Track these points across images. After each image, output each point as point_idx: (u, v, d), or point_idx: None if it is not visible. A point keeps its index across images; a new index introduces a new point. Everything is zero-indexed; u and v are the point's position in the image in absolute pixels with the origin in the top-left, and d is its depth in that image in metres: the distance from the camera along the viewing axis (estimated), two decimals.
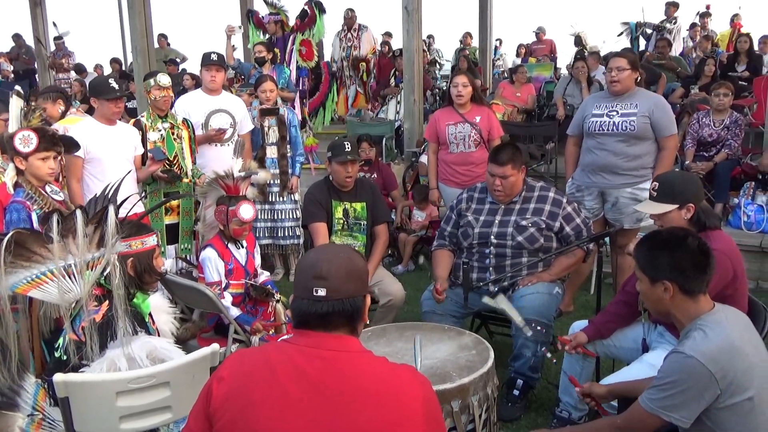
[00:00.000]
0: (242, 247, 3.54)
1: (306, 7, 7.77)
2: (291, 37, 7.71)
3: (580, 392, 2.50)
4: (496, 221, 3.40)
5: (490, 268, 3.39)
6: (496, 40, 13.79)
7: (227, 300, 3.36)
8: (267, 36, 7.82)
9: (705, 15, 10.68)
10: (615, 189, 4.09)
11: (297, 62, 7.69)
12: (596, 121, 4.07)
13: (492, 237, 3.37)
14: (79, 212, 2.20)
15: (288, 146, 5.24)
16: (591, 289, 4.85)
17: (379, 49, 9.58)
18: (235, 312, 3.32)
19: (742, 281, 2.53)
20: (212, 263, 3.40)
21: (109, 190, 2.42)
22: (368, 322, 1.67)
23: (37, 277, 2.15)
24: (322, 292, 1.50)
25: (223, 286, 3.43)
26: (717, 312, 1.97)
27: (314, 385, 1.45)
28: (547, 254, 3.36)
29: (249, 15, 8.25)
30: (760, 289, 4.93)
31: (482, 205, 3.51)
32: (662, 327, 2.77)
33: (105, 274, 2.20)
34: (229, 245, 3.48)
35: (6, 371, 2.13)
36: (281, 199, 5.25)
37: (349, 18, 9.17)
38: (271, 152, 5.20)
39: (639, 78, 4.10)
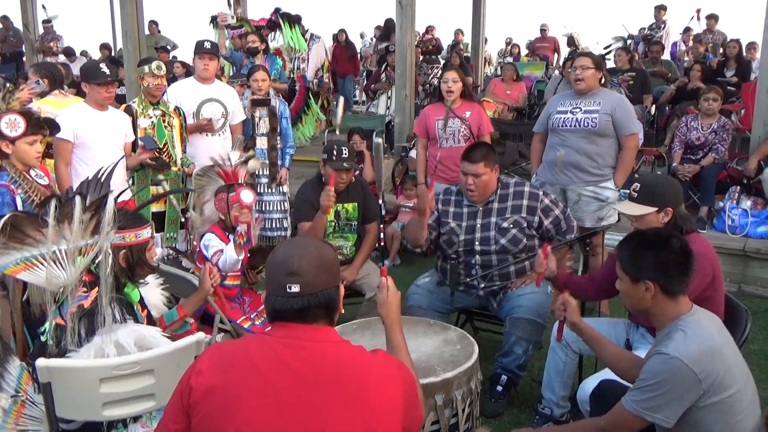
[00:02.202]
0: None
1: (272, 17, 7.63)
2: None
3: (563, 298, 2.45)
4: (478, 225, 3.36)
5: (477, 278, 3.38)
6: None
7: (222, 259, 3.26)
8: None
9: (711, 17, 10.59)
10: (577, 187, 4.13)
11: None
12: (560, 118, 4.14)
13: (477, 243, 3.34)
14: (78, 199, 2.19)
15: (278, 138, 5.21)
16: None
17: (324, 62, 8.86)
18: (231, 247, 3.21)
19: (720, 283, 2.57)
20: (215, 241, 3.36)
21: (102, 174, 2.41)
22: (343, 311, 1.68)
23: (27, 260, 2.14)
24: (295, 288, 1.52)
25: (222, 278, 3.40)
26: (695, 313, 2.00)
27: (297, 375, 1.46)
28: (532, 254, 3.36)
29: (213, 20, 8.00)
30: (742, 293, 4.98)
31: (460, 209, 3.44)
32: (644, 329, 2.80)
33: (97, 261, 2.19)
34: (230, 236, 3.46)
35: None
36: (269, 190, 5.22)
37: None
38: (261, 143, 5.17)
39: (603, 78, 4.16)
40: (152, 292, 2.68)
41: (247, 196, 3.39)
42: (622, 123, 4.01)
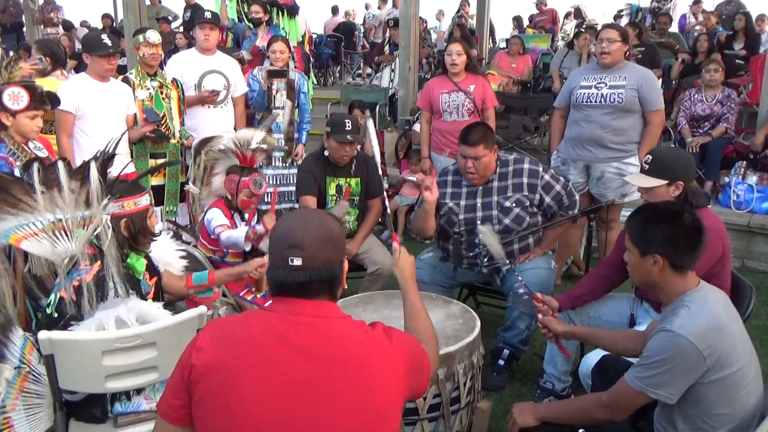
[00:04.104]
0: (244, 221, 3.50)
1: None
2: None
3: (540, 321, 2.59)
4: (479, 204, 3.31)
5: (480, 256, 3.34)
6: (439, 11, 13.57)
7: (228, 233, 3.26)
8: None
9: None
10: (601, 163, 4.07)
11: None
12: (584, 93, 4.04)
13: (478, 222, 3.28)
14: (60, 163, 2.18)
15: (295, 112, 5.07)
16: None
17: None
18: (242, 232, 3.22)
19: (728, 260, 2.56)
20: (219, 216, 3.34)
21: (109, 146, 2.41)
22: (346, 287, 1.67)
23: (28, 227, 2.14)
24: (298, 262, 1.48)
25: (223, 254, 3.40)
26: (701, 289, 1.98)
27: (298, 350, 1.45)
28: (536, 229, 3.34)
29: None
30: (745, 268, 4.98)
31: (459, 189, 3.38)
32: (648, 304, 2.79)
33: (96, 233, 2.19)
34: (234, 215, 3.43)
35: None
36: (284, 164, 5.14)
37: None
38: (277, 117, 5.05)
39: (628, 52, 4.07)
40: (166, 250, 2.68)
41: (258, 184, 3.37)
42: (648, 98, 3.92)
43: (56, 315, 2.16)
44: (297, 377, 1.43)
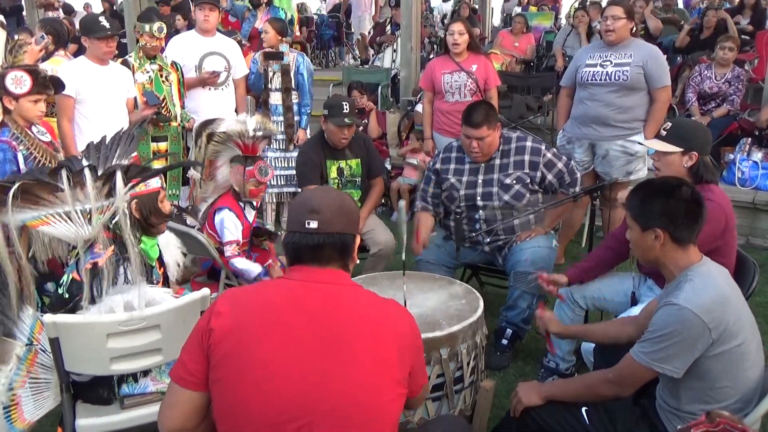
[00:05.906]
0: (254, 209, 3.48)
1: None
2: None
3: (540, 316, 2.55)
4: (479, 181, 3.31)
5: (482, 233, 3.35)
6: None
7: (243, 262, 3.30)
8: None
9: None
10: (605, 141, 4.05)
11: None
12: (589, 71, 4.01)
13: (478, 199, 3.30)
14: (87, 171, 2.23)
15: (295, 93, 4.99)
16: (582, 242, 4.87)
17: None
18: (257, 269, 3.29)
19: (732, 235, 2.55)
20: (233, 223, 3.33)
21: (121, 135, 2.44)
22: (358, 261, 1.73)
23: (47, 216, 2.18)
24: (314, 224, 1.56)
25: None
26: (704, 264, 1.98)
27: (312, 316, 1.50)
28: (536, 209, 3.33)
29: None
30: (750, 245, 4.96)
31: (462, 165, 3.39)
32: (652, 281, 2.78)
33: (115, 220, 2.23)
34: (244, 207, 3.42)
35: (6, 301, 2.16)
36: (289, 147, 5.09)
37: None
38: (275, 98, 4.94)
39: (634, 28, 4.03)
40: (170, 252, 2.69)
41: (264, 172, 3.36)
42: (654, 75, 3.88)
43: (67, 296, 2.19)
44: (310, 340, 1.48)
